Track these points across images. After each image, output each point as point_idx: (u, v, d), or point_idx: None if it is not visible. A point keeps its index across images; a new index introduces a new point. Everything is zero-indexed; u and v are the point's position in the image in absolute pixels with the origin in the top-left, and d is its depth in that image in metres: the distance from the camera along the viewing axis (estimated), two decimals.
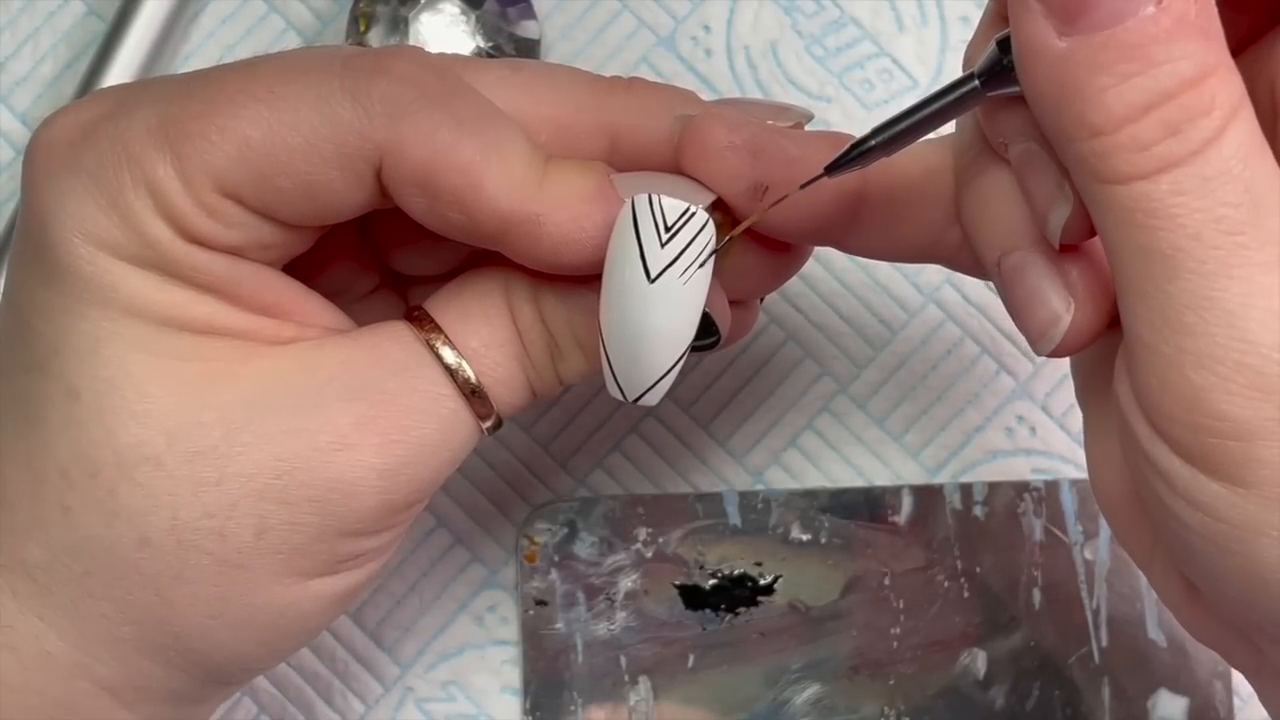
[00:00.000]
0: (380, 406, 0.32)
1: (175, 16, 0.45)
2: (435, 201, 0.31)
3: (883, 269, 0.45)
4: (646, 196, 0.31)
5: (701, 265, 0.31)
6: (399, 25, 0.44)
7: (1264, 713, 0.44)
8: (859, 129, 0.45)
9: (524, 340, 0.33)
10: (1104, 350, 0.33)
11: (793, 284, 0.45)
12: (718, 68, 0.46)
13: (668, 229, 0.31)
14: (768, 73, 0.46)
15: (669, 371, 0.32)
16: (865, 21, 0.46)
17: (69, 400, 0.31)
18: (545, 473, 0.45)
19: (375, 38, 0.44)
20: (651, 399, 0.32)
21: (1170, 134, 0.26)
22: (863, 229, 0.34)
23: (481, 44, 0.44)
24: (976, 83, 0.29)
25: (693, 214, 0.31)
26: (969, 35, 0.46)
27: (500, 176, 0.31)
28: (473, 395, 0.33)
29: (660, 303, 0.31)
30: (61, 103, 0.45)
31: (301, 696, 0.44)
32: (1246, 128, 0.26)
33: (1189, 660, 0.43)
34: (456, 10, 0.44)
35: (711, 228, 0.31)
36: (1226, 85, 0.26)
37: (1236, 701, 0.43)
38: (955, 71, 0.46)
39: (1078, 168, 0.27)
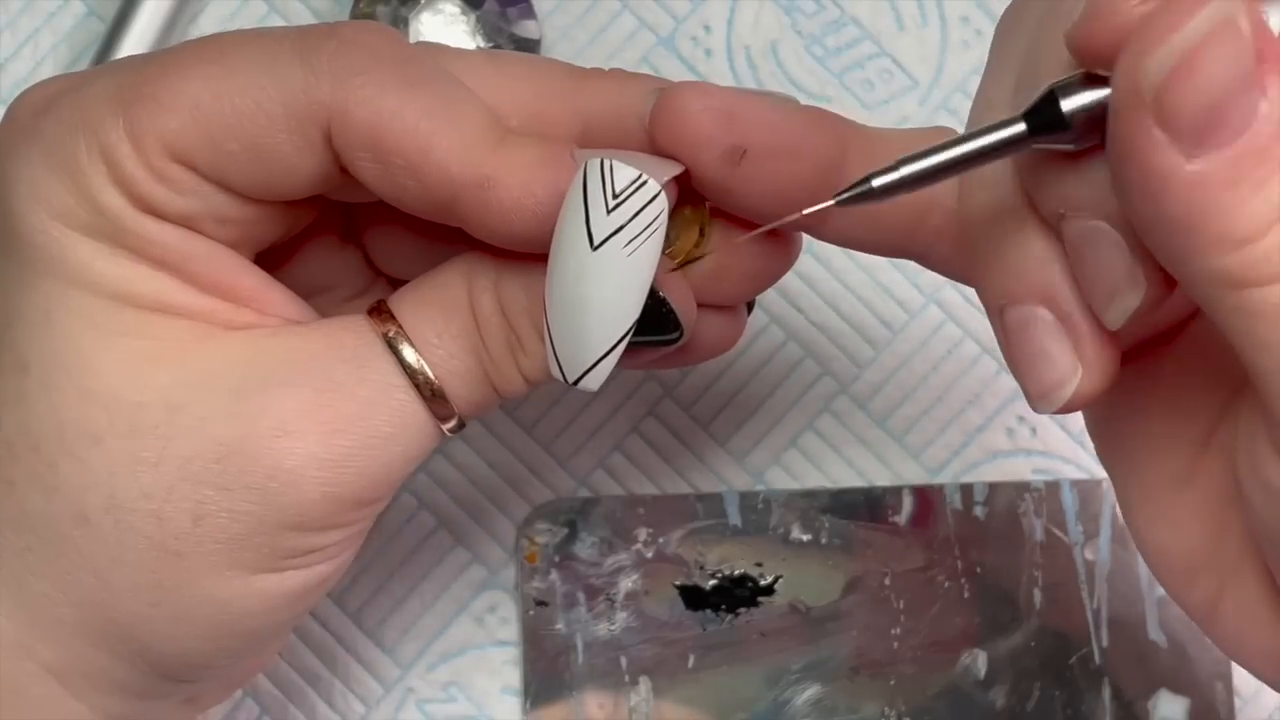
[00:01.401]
0: (326, 395, 0.31)
1: (175, 17, 0.45)
2: (385, 167, 0.31)
3: (883, 269, 0.45)
4: (599, 161, 0.30)
5: (648, 237, 0.30)
6: (399, 25, 0.44)
7: (1264, 713, 0.44)
8: None
9: (482, 332, 0.33)
10: (1133, 407, 0.31)
11: (793, 284, 0.45)
12: (718, 68, 0.46)
13: (615, 195, 0.30)
14: (768, 73, 0.46)
15: (609, 351, 0.31)
16: (865, 21, 0.46)
17: (19, 373, 0.31)
18: (546, 473, 0.45)
19: None
20: (591, 382, 0.31)
21: None
22: (840, 213, 0.32)
23: (481, 44, 0.44)
24: (1023, 126, 0.27)
25: (643, 182, 0.30)
26: (969, 35, 0.46)
27: (451, 139, 0.30)
28: (427, 388, 0.32)
29: (601, 273, 0.30)
30: None
31: (303, 697, 0.44)
32: None
33: (1190, 661, 0.43)
34: (456, 10, 0.44)
35: (664, 199, 0.30)
36: None
37: (1238, 702, 0.43)
38: (955, 71, 0.46)
39: (1211, 279, 0.25)
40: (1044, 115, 0.26)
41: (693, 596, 0.44)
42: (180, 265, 0.31)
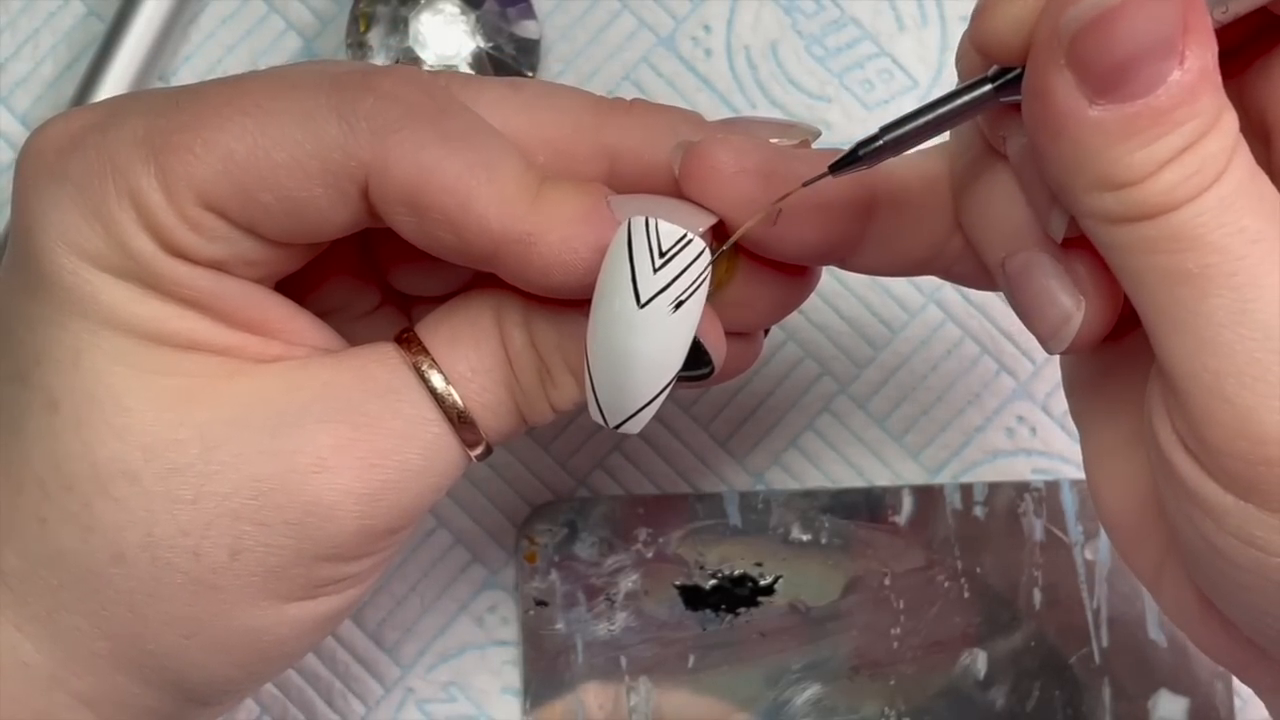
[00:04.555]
0: (361, 429, 0.32)
1: (175, 17, 0.45)
2: (423, 221, 0.31)
3: None
4: (644, 220, 0.30)
5: (693, 294, 0.30)
6: (399, 25, 0.44)
7: (1264, 713, 0.44)
8: (859, 129, 0.45)
9: (514, 366, 0.33)
10: (1098, 365, 0.32)
11: None
12: (718, 68, 0.46)
13: (662, 254, 0.30)
14: (768, 73, 0.46)
15: (652, 401, 0.31)
16: (865, 21, 0.46)
17: (48, 411, 0.31)
18: (545, 473, 0.45)
19: (375, 38, 0.44)
20: (633, 427, 0.32)
21: (1190, 174, 0.26)
22: (865, 244, 0.33)
23: (481, 44, 0.44)
24: (990, 86, 0.29)
25: (689, 241, 0.30)
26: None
27: (490, 194, 0.30)
28: (459, 420, 0.32)
29: (648, 330, 0.30)
30: (61, 104, 0.45)
31: (303, 697, 0.44)
32: (1244, 148, 0.27)
33: (1190, 660, 0.43)
34: (456, 10, 0.44)
35: (707, 256, 0.30)
36: (1232, 116, 0.27)
37: (1237, 702, 0.43)
38: (955, 71, 0.46)
39: (1090, 212, 0.27)
40: (1009, 73, 0.29)
41: (692, 596, 0.44)
42: (210, 304, 0.31)
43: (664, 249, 0.30)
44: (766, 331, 0.36)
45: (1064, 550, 0.44)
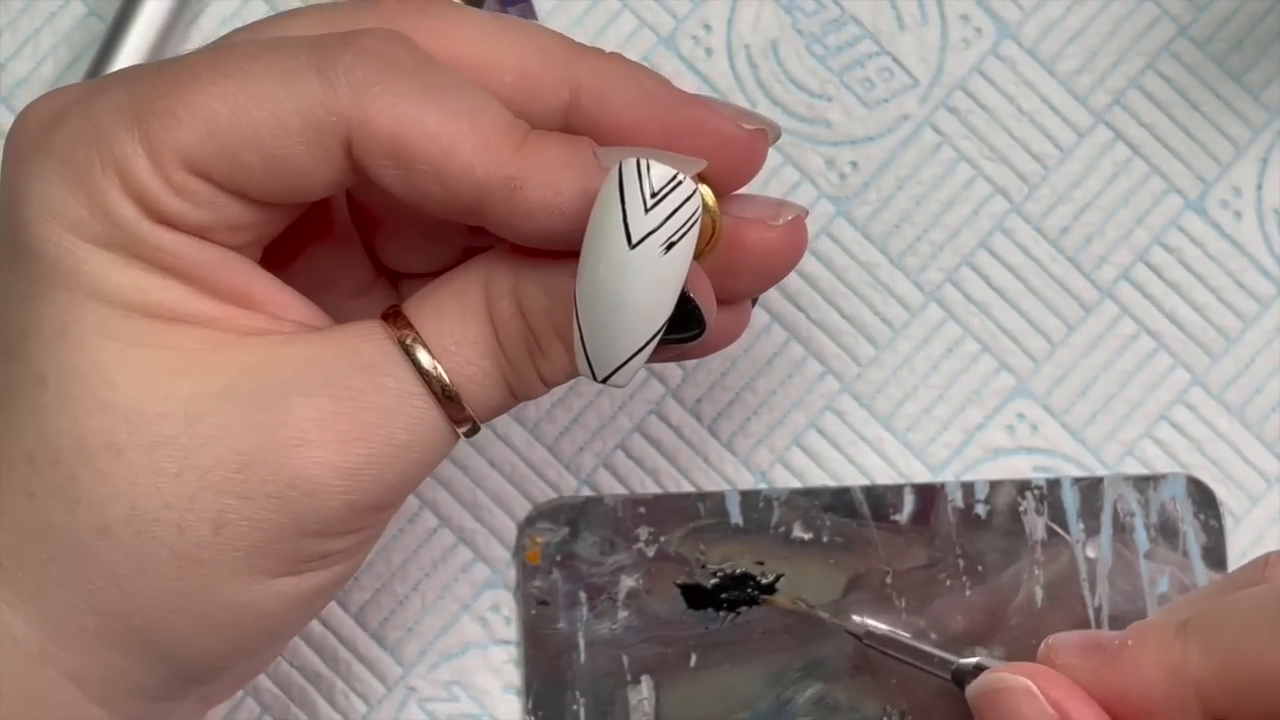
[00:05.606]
0: (344, 403, 0.32)
1: (175, 17, 0.45)
2: (408, 173, 0.31)
3: (884, 267, 0.45)
4: (635, 160, 0.30)
5: (684, 236, 0.30)
6: None
7: None
8: (860, 128, 0.45)
9: (500, 338, 0.33)
10: None
11: (794, 283, 0.45)
12: (718, 67, 0.46)
13: (654, 194, 0.30)
14: (768, 72, 0.46)
15: (640, 350, 0.31)
16: (866, 20, 0.46)
17: (36, 386, 0.31)
18: (547, 472, 0.45)
19: None
20: (621, 379, 0.31)
21: None
22: None
23: None
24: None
25: (680, 181, 0.30)
26: (969, 33, 0.46)
27: (474, 141, 0.31)
28: (445, 396, 0.32)
29: (640, 271, 0.30)
30: None
31: (304, 696, 0.44)
32: None
33: None
34: None
35: (698, 199, 0.30)
36: None
37: None
38: (956, 70, 0.46)
39: None
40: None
41: (694, 595, 0.44)
42: (194, 273, 0.32)
43: (655, 189, 0.30)
44: (754, 301, 0.36)
45: (1065, 548, 0.44)
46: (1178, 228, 0.45)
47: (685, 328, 0.32)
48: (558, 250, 0.32)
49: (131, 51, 0.45)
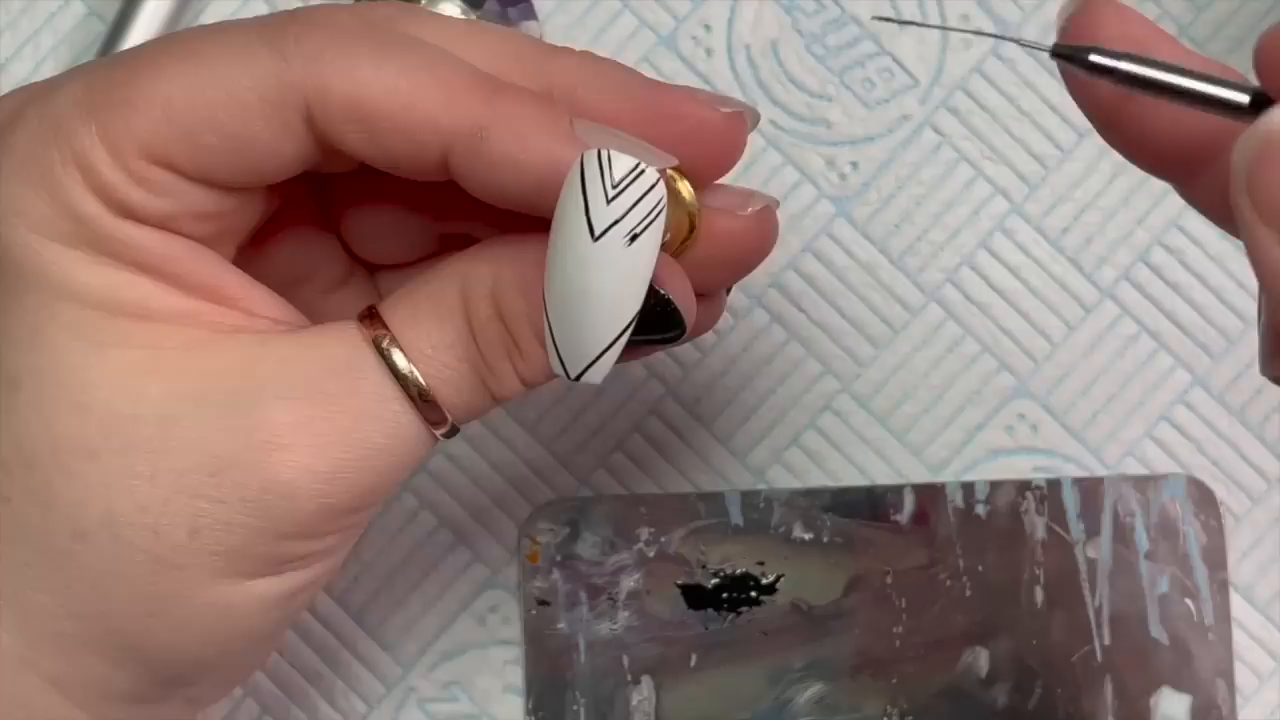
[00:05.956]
0: (319, 407, 0.31)
1: (175, 17, 0.45)
2: (372, 132, 0.30)
3: (884, 267, 0.45)
4: (596, 152, 0.29)
5: (648, 227, 0.29)
6: None
7: (1266, 711, 0.44)
8: (860, 128, 0.45)
9: (479, 341, 0.32)
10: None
11: (794, 282, 0.45)
12: (718, 67, 0.46)
13: (615, 185, 0.29)
14: (768, 72, 0.46)
15: (612, 344, 0.30)
16: (866, 20, 0.46)
17: (10, 390, 0.31)
18: (547, 472, 0.45)
19: None
20: (594, 376, 0.31)
21: None
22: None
23: None
24: (1246, 99, 0.27)
25: (641, 171, 0.29)
26: (969, 33, 0.46)
27: (435, 92, 0.30)
28: (421, 399, 0.32)
29: (604, 263, 0.29)
30: None
31: (304, 696, 0.44)
32: None
33: (1191, 658, 0.43)
34: (457, 11, 0.44)
35: (662, 189, 0.30)
36: None
37: (1239, 699, 0.43)
38: (956, 70, 0.46)
39: None
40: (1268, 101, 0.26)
41: (694, 595, 0.44)
42: (162, 268, 0.31)
43: (616, 180, 0.29)
44: (729, 290, 0.35)
45: (1065, 548, 0.44)
46: (1178, 228, 0.45)
47: (665, 328, 0.32)
48: (529, 229, 0.32)
49: None
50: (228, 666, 0.34)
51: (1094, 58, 0.27)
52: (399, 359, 0.32)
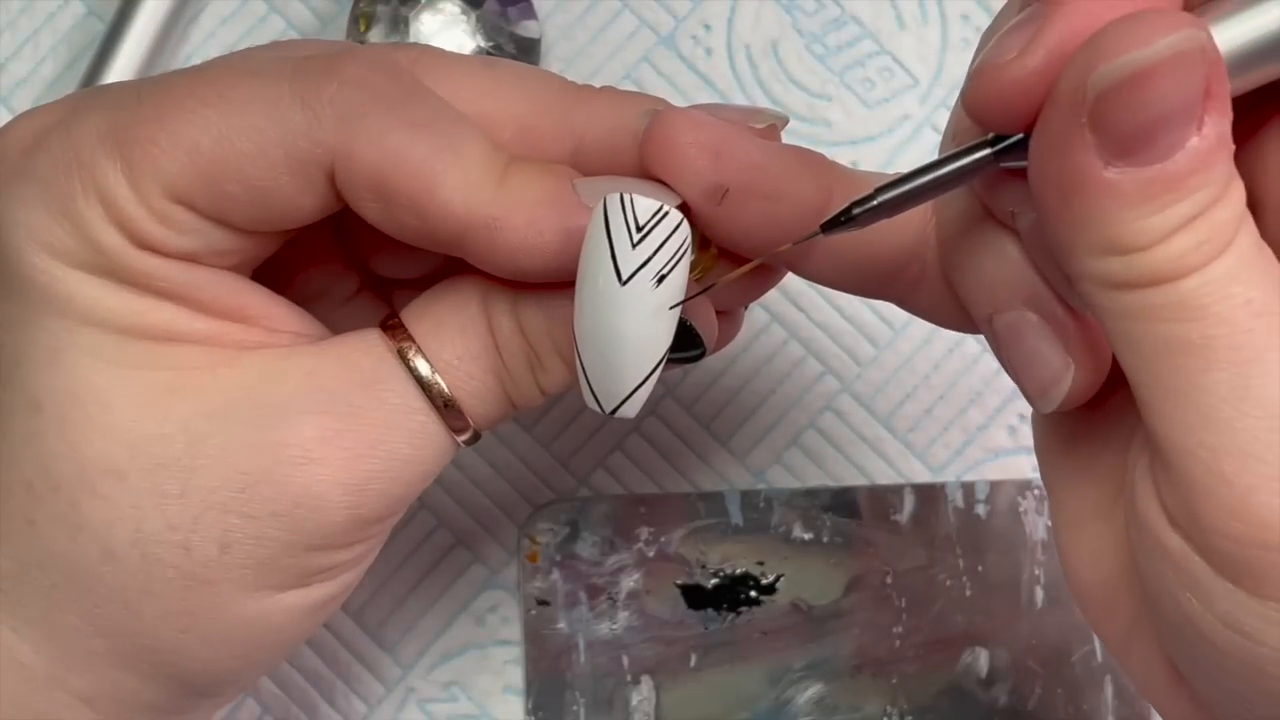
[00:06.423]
0: (346, 420, 0.31)
1: (175, 17, 0.45)
2: (389, 206, 0.31)
3: None
4: (619, 196, 0.29)
5: (675, 267, 0.30)
6: (399, 25, 0.44)
7: None
8: (860, 127, 0.45)
9: (501, 352, 0.32)
10: (1072, 429, 0.32)
11: (794, 283, 0.45)
12: (718, 67, 0.46)
13: (639, 229, 0.29)
14: (768, 71, 0.46)
15: (645, 380, 0.31)
16: (866, 20, 0.46)
17: (31, 413, 0.31)
18: (547, 472, 0.45)
19: (375, 37, 0.44)
20: (629, 410, 0.31)
21: (1200, 242, 0.25)
22: (823, 254, 0.32)
23: (482, 43, 0.44)
24: (989, 151, 0.28)
25: (665, 213, 0.29)
26: (969, 33, 0.46)
27: (455, 179, 0.30)
28: (446, 409, 0.32)
29: (633, 307, 0.30)
30: None
31: (304, 697, 0.44)
32: (1250, 220, 0.26)
33: None
34: (457, 10, 0.44)
35: (686, 228, 0.30)
36: (1239, 186, 0.26)
37: None
38: (956, 69, 0.46)
39: (1093, 275, 0.26)
40: (1008, 138, 0.28)
41: (694, 595, 0.44)
42: (185, 295, 0.31)
43: (641, 223, 0.29)
44: (746, 306, 0.36)
45: None
46: None
47: (686, 348, 0.32)
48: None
49: (131, 51, 0.45)
50: (252, 675, 0.35)
51: (855, 211, 0.29)
52: (423, 366, 0.32)
